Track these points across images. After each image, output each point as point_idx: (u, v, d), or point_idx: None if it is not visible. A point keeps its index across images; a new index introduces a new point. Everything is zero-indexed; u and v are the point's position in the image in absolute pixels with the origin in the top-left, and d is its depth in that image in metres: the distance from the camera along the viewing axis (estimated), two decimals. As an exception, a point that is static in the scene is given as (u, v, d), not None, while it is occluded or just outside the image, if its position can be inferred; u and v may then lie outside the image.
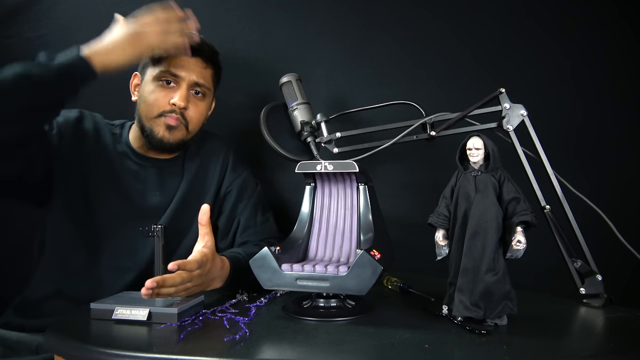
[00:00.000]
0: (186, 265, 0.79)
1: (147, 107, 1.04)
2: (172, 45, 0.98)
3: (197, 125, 1.09)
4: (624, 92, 1.23)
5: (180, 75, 1.03)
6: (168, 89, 1.04)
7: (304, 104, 1.14)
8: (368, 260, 0.77)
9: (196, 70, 1.05)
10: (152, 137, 1.04)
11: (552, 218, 0.94)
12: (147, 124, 1.04)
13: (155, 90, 1.04)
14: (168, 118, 1.03)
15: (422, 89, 1.29)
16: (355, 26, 1.32)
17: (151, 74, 1.04)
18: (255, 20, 1.34)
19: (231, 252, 1.00)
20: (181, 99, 1.03)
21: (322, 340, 0.71)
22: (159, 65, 1.04)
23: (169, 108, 1.03)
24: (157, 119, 1.04)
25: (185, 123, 1.05)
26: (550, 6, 1.25)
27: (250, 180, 1.18)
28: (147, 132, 1.04)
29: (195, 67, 1.05)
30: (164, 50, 0.98)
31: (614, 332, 0.80)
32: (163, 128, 1.04)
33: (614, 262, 0.98)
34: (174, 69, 1.03)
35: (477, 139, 0.81)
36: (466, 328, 0.75)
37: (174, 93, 1.03)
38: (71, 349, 0.70)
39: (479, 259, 0.77)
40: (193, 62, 1.05)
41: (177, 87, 1.04)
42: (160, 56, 1.03)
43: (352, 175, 0.94)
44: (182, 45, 0.99)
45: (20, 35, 1.33)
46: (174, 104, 1.03)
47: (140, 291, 0.74)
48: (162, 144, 1.05)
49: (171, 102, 1.03)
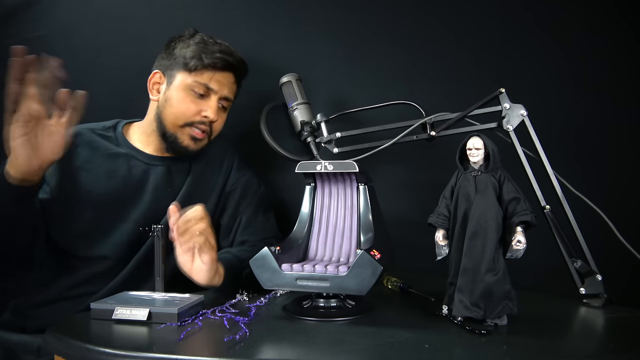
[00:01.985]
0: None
1: (175, 115, 1.04)
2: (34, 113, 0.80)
3: (217, 134, 1.11)
4: (624, 92, 1.23)
5: (215, 89, 1.05)
6: (198, 100, 1.04)
7: (304, 104, 1.14)
8: (368, 260, 0.77)
9: (227, 85, 1.07)
10: (175, 144, 1.05)
11: (552, 218, 0.94)
12: (171, 130, 1.05)
13: (185, 99, 1.04)
14: (195, 130, 1.05)
15: (422, 89, 1.29)
16: (355, 26, 1.32)
17: (183, 81, 1.04)
18: (255, 21, 1.34)
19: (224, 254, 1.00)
20: (213, 113, 1.05)
21: (322, 340, 0.72)
22: (193, 75, 1.03)
23: (198, 119, 1.05)
24: (184, 128, 1.05)
25: (209, 134, 1.08)
26: (550, 6, 1.25)
27: (254, 180, 1.19)
28: (171, 138, 1.05)
29: (227, 82, 1.07)
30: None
31: (614, 332, 0.80)
32: (188, 138, 1.05)
33: (614, 262, 0.97)
34: (212, 84, 1.04)
35: (477, 139, 0.81)
36: (466, 328, 0.75)
37: (204, 105, 1.05)
38: (71, 349, 0.70)
39: (479, 259, 0.77)
40: (227, 77, 1.07)
41: (208, 100, 1.05)
42: (196, 67, 1.03)
43: (352, 175, 0.94)
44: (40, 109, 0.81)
45: (20, 35, 1.33)
46: (205, 116, 1.04)
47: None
48: (186, 152, 1.06)
49: (203, 115, 1.04)
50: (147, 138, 1.10)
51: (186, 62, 1.03)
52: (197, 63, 1.02)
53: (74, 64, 1.32)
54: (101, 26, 1.35)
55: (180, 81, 1.04)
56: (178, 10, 1.34)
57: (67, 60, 1.32)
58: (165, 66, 1.07)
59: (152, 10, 1.35)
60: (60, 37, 1.33)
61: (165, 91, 1.06)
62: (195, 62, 1.03)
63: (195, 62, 1.02)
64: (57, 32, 1.33)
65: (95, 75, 1.33)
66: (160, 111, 1.06)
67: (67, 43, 1.34)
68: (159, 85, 1.08)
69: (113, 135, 1.08)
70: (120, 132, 1.09)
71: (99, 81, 1.34)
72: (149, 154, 1.08)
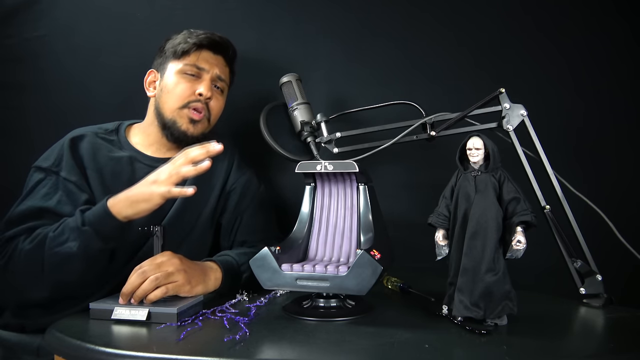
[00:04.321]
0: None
1: (172, 98, 1.06)
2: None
3: (216, 118, 1.13)
4: (624, 92, 1.23)
5: (205, 68, 1.08)
6: (192, 81, 1.07)
7: (304, 104, 1.14)
8: (368, 260, 0.77)
9: (219, 66, 1.11)
10: (174, 129, 1.06)
11: (552, 218, 0.94)
12: (170, 116, 1.06)
13: (180, 82, 1.07)
14: (192, 111, 1.06)
15: (422, 89, 1.29)
16: (355, 26, 1.32)
17: (175, 68, 1.08)
18: (255, 20, 1.34)
19: (223, 257, 1.00)
20: (207, 89, 1.07)
21: (322, 340, 0.71)
22: (183, 59, 1.07)
23: (194, 98, 1.07)
24: (181, 110, 1.06)
25: (207, 115, 1.09)
26: (550, 6, 1.25)
27: (254, 180, 1.18)
28: (169, 124, 1.06)
29: (218, 63, 1.11)
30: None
31: (614, 332, 0.80)
32: (187, 121, 1.06)
33: (614, 262, 0.98)
34: (200, 63, 1.07)
35: (477, 139, 0.81)
36: (466, 328, 0.75)
37: (198, 84, 1.07)
38: (71, 349, 0.70)
39: (479, 259, 0.77)
40: (216, 59, 1.11)
41: (201, 80, 1.08)
42: (183, 50, 1.06)
43: (352, 175, 0.94)
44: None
45: (20, 35, 1.33)
46: (199, 94, 1.06)
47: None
48: (185, 136, 1.07)
49: (197, 92, 1.06)
50: (148, 138, 1.10)
51: (174, 50, 1.07)
52: (184, 46, 1.07)
53: (74, 64, 1.34)
54: (101, 26, 1.35)
55: (172, 68, 1.08)
56: (178, 10, 1.34)
57: (67, 60, 1.34)
58: (158, 64, 1.11)
59: (152, 10, 1.35)
60: (60, 37, 1.34)
61: (159, 84, 1.10)
62: (182, 45, 1.07)
63: (182, 46, 1.07)
64: (57, 32, 1.34)
65: (95, 75, 1.34)
66: (158, 102, 1.09)
67: (67, 43, 1.34)
68: (154, 82, 1.11)
69: (116, 138, 1.09)
70: (122, 135, 1.10)
71: (99, 81, 1.34)
72: (151, 156, 1.09)
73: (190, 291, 0.87)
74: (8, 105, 1.35)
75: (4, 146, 1.35)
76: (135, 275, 0.83)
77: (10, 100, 1.35)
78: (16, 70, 1.35)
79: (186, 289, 0.86)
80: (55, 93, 1.34)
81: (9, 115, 1.35)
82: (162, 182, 0.85)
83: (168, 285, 0.83)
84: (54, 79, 1.34)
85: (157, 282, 0.82)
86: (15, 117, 1.35)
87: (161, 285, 0.82)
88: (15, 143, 1.34)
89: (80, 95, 1.33)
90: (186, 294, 0.86)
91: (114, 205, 0.87)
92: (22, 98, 1.35)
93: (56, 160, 1.01)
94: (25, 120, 1.35)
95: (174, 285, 0.84)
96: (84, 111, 1.32)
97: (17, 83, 1.35)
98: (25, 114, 1.35)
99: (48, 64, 1.34)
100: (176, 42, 1.08)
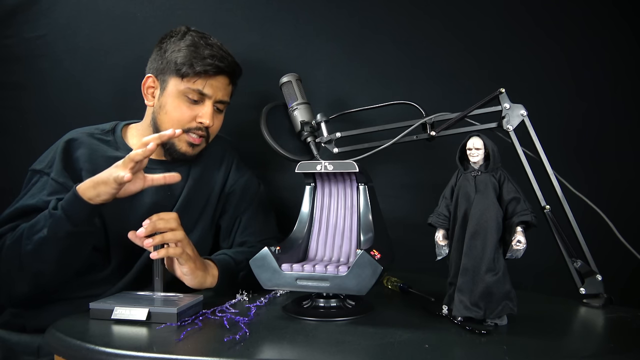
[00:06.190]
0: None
1: (171, 122, 1.03)
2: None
3: (214, 135, 1.11)
4: (624, 93, 1.23)
5: (209, 94, 1.04)
6: (193, 106, 1.04)
7: (304, 104, 1.14)
8: (368, 260, 0.77)
9: (222, 88, 1.06)
10: (173, 151, 1.05)
11: (552, 218, 0.94)
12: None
13: (179, 106, 1.03)
14: (192, 136, 1.04)
15: (422, 89, 1.29)
16: (355, 26, 1.32)
17: (176, 88, 1.03)
18: (255, 21, 1.34)
19: (220, 255, 1.00)
20: (209, 118, 1.03)
21: (322, 340, 0.71)
22: (187, 80, 1.02)
23: (194, 125, 1.04)
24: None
25: (207, 136, 1.07)
26: (550, 6, 1.25)
27: (254, 180, 1.18)
28: (168, 145, 1.05)
29: (222, 85, 1.06)
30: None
31: (614, 332, 0.81)
32: (185, 145, 1.05)
33: (614, 262, 0.98)
34: (205, 90, 1.03)
35: (477, 139, 0.81)
36: (466, 328, 0.75)
37: (199, 110, 1.04)
38: (71, 349, 0.69)
39: (479, 259, 0.77)
40: (220, 81, 1.05)
41: (202, 105, 1.04)
42: (187, 73, 1.01)
43: (352, 175, 0.94)
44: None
45: (20, 35, 1.33)
46: (200, 122, 1.04)
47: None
48: (184, 157, 1.06)
49: (199, 121, 1.04)
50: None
51: (177, 67, 1.01)
52: (189, 70, 1.01)
53: (73, 64, 1.34)
54: (101, 26, 1.35)
55: (173, 87, 1.03)
56: (178, 11, 1.34)
57: (67, 60, 1.34)
58: (158, 70, 1.05)
59: (152, 10, 1.34)
60: (60, 37, 1.33)
61: (159, 97, 1.06)
62: (187, 69, 1.01)
63: (186, 70, 1.01)
64: (57, 32, 1.33)
65: (95, 74, 1.34)
66: (156, 117, 1.06)
67: (67, 43, 1.34)
68: (153, 90, 1.07)
69: (112, 139, 1.08)
70: (119, 135, 1.09)
71: (99, 81, 1.34)
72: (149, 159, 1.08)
73: (194, 270, 0.90)
74: (8, 105, 1.35)
75: (4, 146, 1.35)
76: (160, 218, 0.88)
77: (10, 100, 1.35)
78: (16, 70, 1.34)
79: (191, 266, 0.89)
80: (54, 93, 1.33)
81: (8, 115, 1.35)
82: (119, 166, 0.86)
83: (184, 251, 0.88)
84: (54, 79, 1.34)
85: (179, 239, 0.88)
86: (14, 117, 1.35)
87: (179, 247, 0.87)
88: (14, 143, 1.34)
89: (79, 96, 1.33)
90: (190, 271, 0.89)
91: (80, 187, 0.87)
92: (22, 98, 1.34)
93: (49, 162, 1.01)
94: (25, 120, 1.34)
95: (186, 255, 0.88)
96: (83, 111, 1.32)
97: (16, 83, 1.35)
98: (25, 114, 1.34)
99: (48, 64, 1.33)
100: (179, 59, 1.01)
